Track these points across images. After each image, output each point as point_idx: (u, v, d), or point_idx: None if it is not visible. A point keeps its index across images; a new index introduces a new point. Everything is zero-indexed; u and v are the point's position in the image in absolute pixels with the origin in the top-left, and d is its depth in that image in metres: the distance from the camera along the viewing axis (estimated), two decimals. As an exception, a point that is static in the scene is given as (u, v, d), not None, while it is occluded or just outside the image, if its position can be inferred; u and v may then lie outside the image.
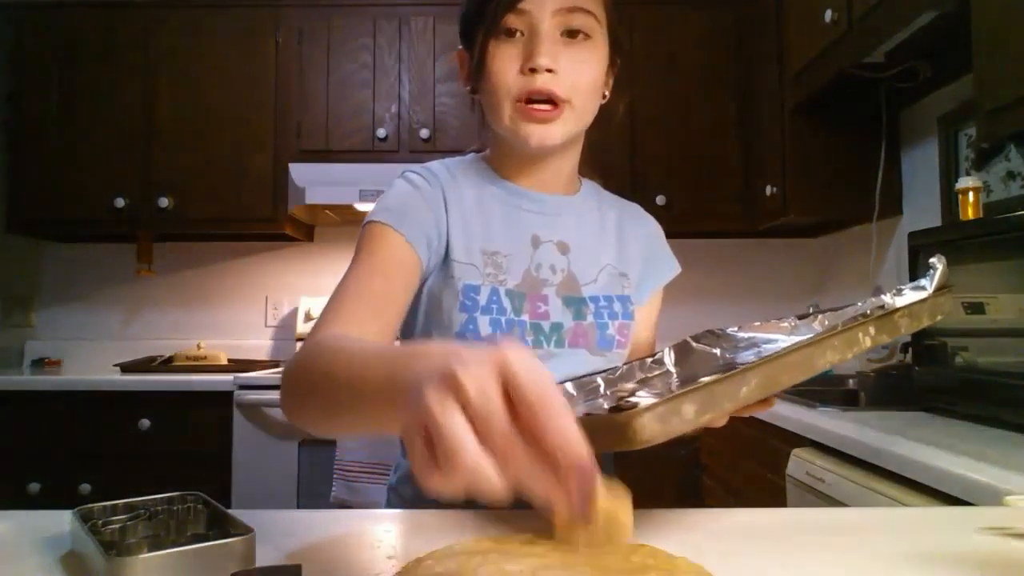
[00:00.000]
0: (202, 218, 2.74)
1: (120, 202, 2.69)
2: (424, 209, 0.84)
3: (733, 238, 2.96)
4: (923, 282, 0.70)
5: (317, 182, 2.60)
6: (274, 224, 2.73)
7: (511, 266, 0.86)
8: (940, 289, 0.70)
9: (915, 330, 0.69)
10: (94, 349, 2.98)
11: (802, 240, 2.95)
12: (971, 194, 1.61)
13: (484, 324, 0.83)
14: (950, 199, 2.01)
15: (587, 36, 0.82)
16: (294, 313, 2.99)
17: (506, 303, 0.84)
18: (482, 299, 0.84)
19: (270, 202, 2.72)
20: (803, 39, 2.15)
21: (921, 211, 2.21)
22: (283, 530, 0.60)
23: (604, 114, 0.90)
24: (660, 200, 2.67)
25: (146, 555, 0.47)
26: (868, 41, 1.79)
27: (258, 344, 3.02)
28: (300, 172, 2.64)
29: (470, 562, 0.48)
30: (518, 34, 0.80)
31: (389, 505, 0.95)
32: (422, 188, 0.86)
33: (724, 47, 2.75)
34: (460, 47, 0.90)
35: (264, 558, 0.51)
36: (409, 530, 0.62)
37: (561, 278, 0.89)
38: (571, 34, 0.81)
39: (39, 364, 2.88)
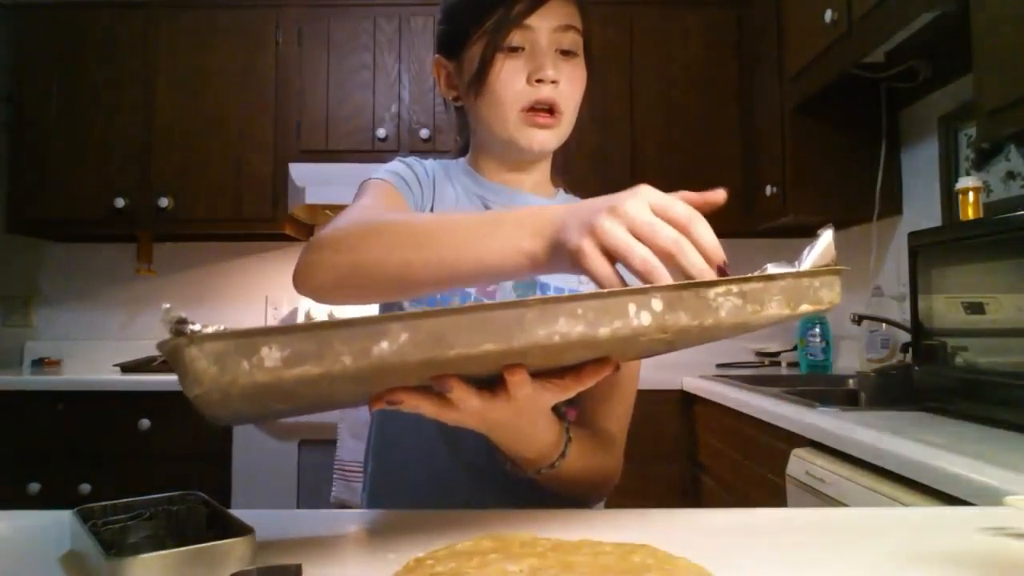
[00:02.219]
0: (202, 218, 2.74)
1: (120, 202, 2.69)
2: (416, 186, 0.92)
3: (733, 238, 2.96)
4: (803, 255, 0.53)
5: (317, 182, 2.60)
6: (274, 224, 2.73)
7: None
8: (818, 269, 0.52)
9: (768, 319, 0.50)
10: (94, 349, 2.98)
11: (802, 240, 2.93)
12: (971, 194, 1.61)
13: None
14: (950, 199, 2.01)
15: (575, 54, 0.88)
16: (294, 313, 2.99)
17: None
18: None
19: (270, 202, 2.72)
20: (803, 39, 2.15)
21: (921, 211, 2.21)
22: (283, 530, 0.60)
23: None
24: (660, 200, 2.66)
25: (146, 555, 0.47)
26: (868, 41, 1.79)
27: (258, 344, 3.02)
28: (300, 172, 2.64)
29: (470, 562, 0.48)
30: (520, 49, 0.86)
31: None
32: (417, 172, 0.94)
33: (724, 47, 2.75)
34: (437, 56, 0.96)
35: (264, 558, 0.51)
36: (409, 530, 0.62)
37: None
38: (563, 52, 0.87)
39: (39, 364, 2.88)
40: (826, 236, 0.53)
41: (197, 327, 0.39)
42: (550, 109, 0.86)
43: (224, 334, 0.38)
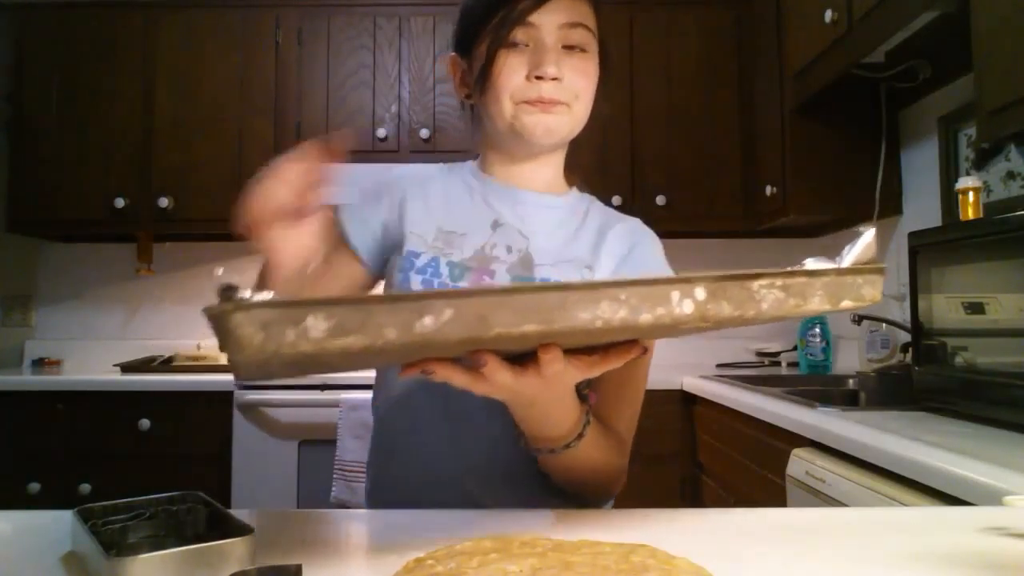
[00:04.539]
0: (202, 218, 2.73)
1: (120, 202, 2.69)
2: (374, 203, 0.94)
3: (733, 238, 2.96)
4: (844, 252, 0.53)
5: (317, 182, 2.60)
6: (274, 224, 2.73)
7: (465, 244, 0.91)
8: (861, 266, 0.52)
9: (809, 313, 0.51)
10: (94, 349, 2.98)
11: (802, 240, 2.95)
12: (971, 194, 1.60)
13: (416, 282, 0.87)
14: (950, 199, 2.01)
15: (584, 50, 0.88)
16: (294, 313, 2.99)
17: (444, 270, 0.89)
18: (420, 262, 0.89)
19: (270, 202, 2.71)
20: (803, 39, 2.15)
21: (921, 211, 2.21)
22: (283, 530, 0.60)
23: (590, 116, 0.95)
24: (660, 200, 2.67)
25: (146, 555, 0.47)
26: (868, 41, 1.79)
27: (258, 344, 3.01)
28: (300, 172, 2.64)
29: (470, 562, 0.48)
30: (524, 45, 0.85)
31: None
32: (370, 194, 0.96)
33: (724, 47, 2.75)
34: (452, 53, 0.94)
35: (264, 558, 0.51)
36: (409, 530, 0.62)
37: (517, 258, 0.91)
38: (570, 48, 0.87)
39: (39, 364, 2.88)
40: (868, 235, 0.53)
41: (247, 294, 0.40)
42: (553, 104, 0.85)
43: (271, 302, 0.39)
